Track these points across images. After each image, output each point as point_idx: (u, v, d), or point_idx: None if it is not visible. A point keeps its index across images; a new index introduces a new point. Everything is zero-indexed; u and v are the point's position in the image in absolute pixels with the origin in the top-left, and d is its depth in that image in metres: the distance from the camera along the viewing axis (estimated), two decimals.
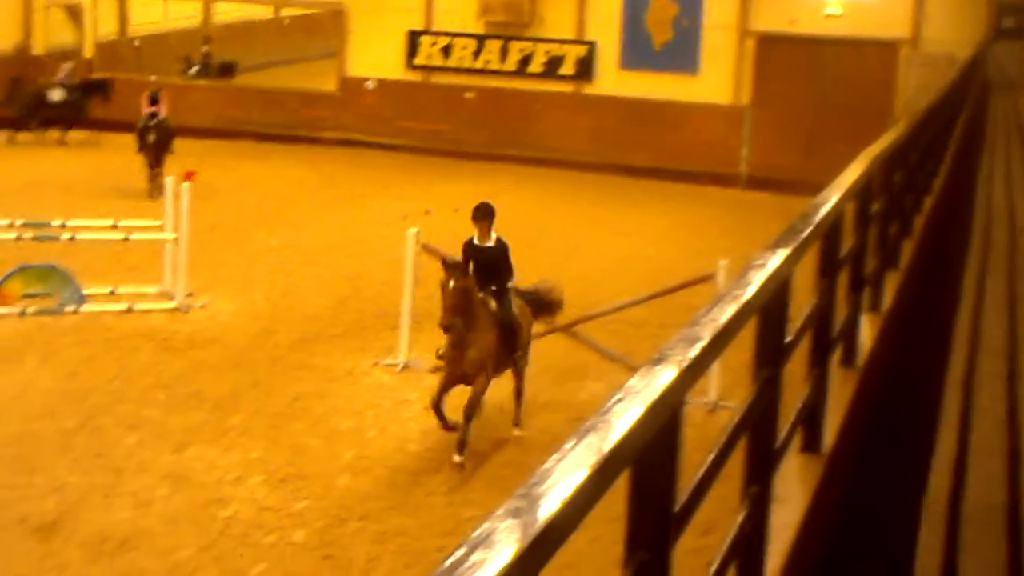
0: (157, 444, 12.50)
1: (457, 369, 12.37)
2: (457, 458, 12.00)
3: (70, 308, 16.70)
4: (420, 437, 12.97)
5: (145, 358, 15.22)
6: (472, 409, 12.22)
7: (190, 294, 17.52)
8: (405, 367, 15.05)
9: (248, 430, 12.96)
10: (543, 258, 21.28)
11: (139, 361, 15.08)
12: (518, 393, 13.24)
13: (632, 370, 4.27)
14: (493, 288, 12.69)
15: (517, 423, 13.18)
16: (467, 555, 2.61)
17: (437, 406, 12.28)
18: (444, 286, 12.07)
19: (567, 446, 3.40)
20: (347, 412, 13.71)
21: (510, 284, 13.02)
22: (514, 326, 12.80)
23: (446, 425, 12.27)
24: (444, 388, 12.40)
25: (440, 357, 12.73)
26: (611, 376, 13.54)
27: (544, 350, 15.30)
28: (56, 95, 30.54)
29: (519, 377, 13.21)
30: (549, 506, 2.99)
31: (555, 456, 3.31)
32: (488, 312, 12.53)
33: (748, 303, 5.35)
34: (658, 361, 4.25)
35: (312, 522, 10.89)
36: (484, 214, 12.87)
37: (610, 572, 8.63)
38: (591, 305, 16.52)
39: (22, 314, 16.36)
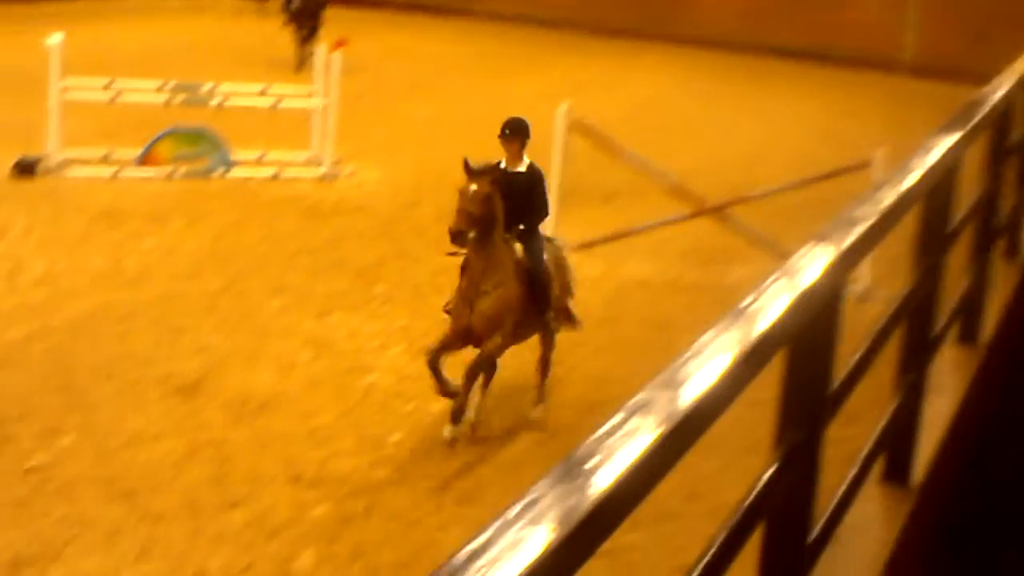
0: (300, 309, 12.56)
1: (461, 322, 9.88)
2: (447, 431, 9.72)
3: (218, 172, 16.82)
4: None
5: (291, 224, 15.29)
6: (477, 369, 9.94)
7: (338, 162, 17.54)
8: (549, 243, 14.92)
9: (391, 299, 12.96)
10: (692, 140, 21.00)
11: (285, 227, 15.15)
12: (543, 363, 10.63)
13: (781, 256, 4.11)
14: (520, 228, 10.21)
15: (540, 400, 10.63)
16: (624, 421, 2.51)
17: (434, 364, 9.80)
18: (464, 192, 9.70)
19: (721, 324, 3.27)
20: None
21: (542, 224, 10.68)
22: (544, 278, 10.26)
23: (443, 388, 9.81)
24: (443, 345, 9.90)
25: (447, 311, 10.17)
26: (758, 261, 13.27)
27: (689, 232, 15.12)
28: None
29: (546, 345, 10.60)
30: (702, 382, 2.88)
31: (709, 334, 3.18)
32: (511, 256, 10.05)
33: (914, 188, 5.16)
34: (818, 241, 4.09)
35: None
36: (515, 131, 10.28)
37: (748, 455, 8.50)
38: (739, 189, 16.22)
39: (171, 176, 16.50)
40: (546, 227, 14.97)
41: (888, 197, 4.78)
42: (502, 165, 10.15)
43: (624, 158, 15.43)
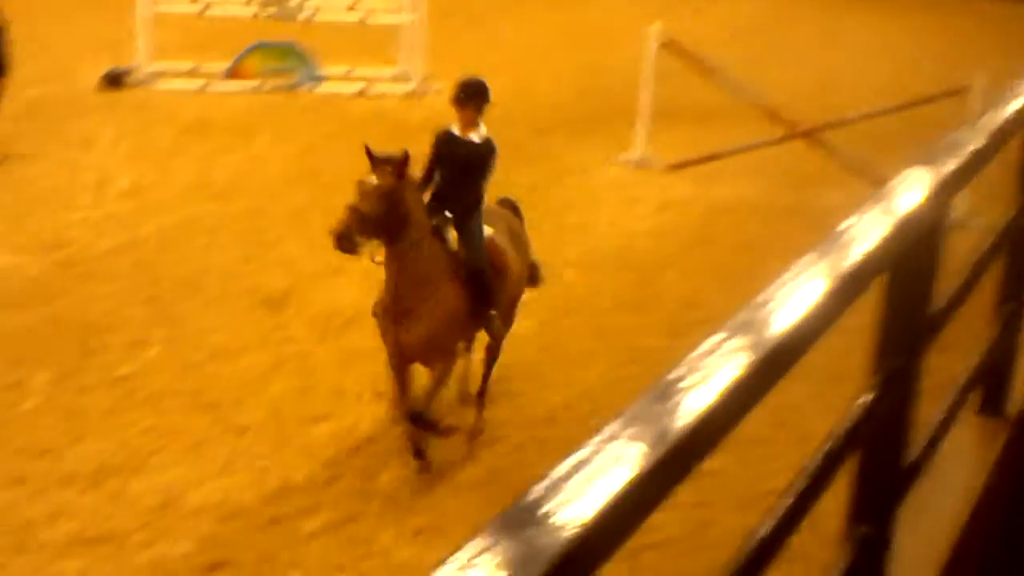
0: None
1: (389, 339, 8.33)
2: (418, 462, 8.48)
3: (306, 86, 16.78)
4: (648, 234, 12.77)
5: (377, 140, 15.01)
6: (429, 401, 8.42)
7: (426, 78, 17.44)
8: (640, 163, 14.81)
9: None
10: (784, 63, 20.67)
11: (373, 142, 15.04)
12: (487, 364, 9.20)
13: (874, 182, 3.99)
14: (457, 208, 8.62)
15: (479, 409, 9.11)
16: (721, 343, 2.43)
17: (413, 415, 8.36)
18: (360, 184, 8.22)
19: (820, 248, 3.17)
20: (578, 205, 13.55)
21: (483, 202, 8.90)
22: (485, 275, 8.60)
23: (437, 431, 8.49)
24: (397, 379, 8.45)
25: (375, 314, 8.48)
26: (851, 186, 13.04)
27: (781, 155, 14.90)
28: None
29: (490, 352, 9.16)
30: (800, 306, 2.79)
31: (808, 258, 3.08)
32: (441, 256, 8.37)
33: (1022, 112, 4.99)
34: (920, 165, 3.97)
35: (533, 314, 10.76)
36: (472, 95, 8.93)
37: (836, 383, 8.39)
38: (831, 112, 15.96)
39: (259, 90, 16.49)
40: (637, 148, 14.94)
41: (995, 121, 4.63)
42: (454, 131, 8.82)
43: (716, 79, 15.23)
